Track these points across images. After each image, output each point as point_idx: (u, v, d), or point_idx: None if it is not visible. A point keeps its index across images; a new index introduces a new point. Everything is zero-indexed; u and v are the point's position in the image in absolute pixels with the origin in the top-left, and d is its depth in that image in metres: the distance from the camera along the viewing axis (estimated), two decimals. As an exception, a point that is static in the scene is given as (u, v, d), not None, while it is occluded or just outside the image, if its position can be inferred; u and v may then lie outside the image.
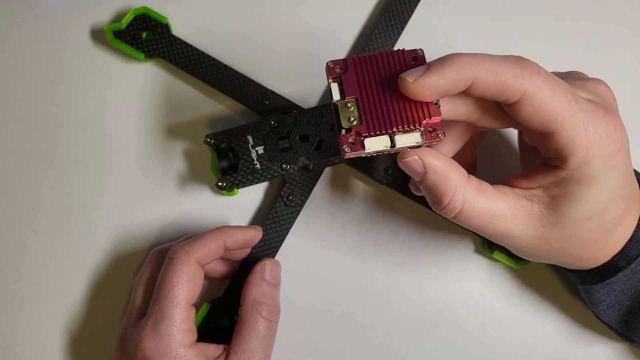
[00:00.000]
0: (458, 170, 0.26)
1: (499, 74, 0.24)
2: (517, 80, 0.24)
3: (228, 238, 0.32)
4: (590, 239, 0.27)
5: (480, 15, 0.39)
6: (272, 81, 0.38)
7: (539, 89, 0.24)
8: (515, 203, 0.27)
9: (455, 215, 0.27)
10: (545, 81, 0.24)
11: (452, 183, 0.26)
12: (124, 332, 0.31)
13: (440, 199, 0.26)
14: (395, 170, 0.36)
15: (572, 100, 0.24)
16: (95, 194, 0.37)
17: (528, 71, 0.24)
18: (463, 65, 0.24)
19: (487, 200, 0.26)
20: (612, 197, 0.26)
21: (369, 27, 0.38)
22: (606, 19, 0.39)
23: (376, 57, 0.25)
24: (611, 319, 0.32)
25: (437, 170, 0.26)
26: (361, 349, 0.36)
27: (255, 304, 0.31)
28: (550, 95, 0.24)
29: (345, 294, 0.36)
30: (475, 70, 0.24)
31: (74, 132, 0.38)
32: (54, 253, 0.37)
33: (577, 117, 0.24)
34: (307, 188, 0.36)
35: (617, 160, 0.26)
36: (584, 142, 0.24)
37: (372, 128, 0.24)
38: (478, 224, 0.27)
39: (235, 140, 0.35)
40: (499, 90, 0.24)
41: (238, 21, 0.39)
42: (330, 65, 0.25)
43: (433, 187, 0.26)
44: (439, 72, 0.23)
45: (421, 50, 0.25)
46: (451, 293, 0.37)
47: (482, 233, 0.28)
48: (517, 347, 0.36)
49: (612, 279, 0.29)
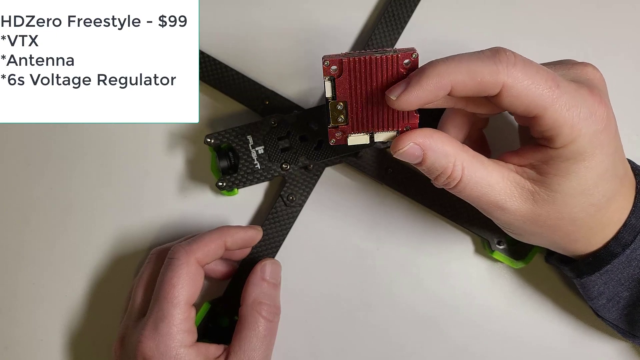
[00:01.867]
0: (452, 142, 0.27)
1: (475, 74, 0.25)
2: (493, 76, 0.25)
3: (228, 238, 0.32)
4: (582, 216, 0.28)
5: (480, 15, 0.39)
6: (272, 81, 0.38)
7: (517, 80, 0.25)
8: (509, 175, 0.28)
9: (456, 184, 0.27)
10: (523, 71, 0.25)
11: (451, 156, 0.27)
12: (124, 332, 0.31)
13: (443, 173, 0.27)
14: (395, 170, 0.36)
15: (553, 85, 0.25)
16: (95, 194, 0.37)
17: (504, 64, 0.25)
18: (439, 74, 0.25)
19: (484, 169, 0.27)
20: (601, 174, 0.27)
21: (369, 27, 0.38)
22: (606, 18, 0.39)
23: (370, 61, 0.27)
24: (612, 315, 0.32)
25: (435, 149, 0.27)
26: (361, 349, 0.36)
27: (255, 304, 0.31)
28: (529, 83, 0.25)
29: (345, 294, 0.36)
30: (451, 77, 0.25)
31: (74, 132, 0.38)
32: (54, 253, 0.37)
33: (558, 100, 0.25)
34: (307, 188, 0.36)
35: (603, 137, 0.26)
36: (568, 121, 0.25)
37: (355, 128, 0.28)
38: (475, 193, 0.27)
39: (235, 140, 0.35)
40: (478, 88, 0.25)
41: (238, 21, 0.39)
42: (326, 65, 0.27)
43: (434, 165, 0.27)
44: (418, 86, 0.25)
45: (415, 53, 0.26)
46: (451, 293, 0.36)
47: (479, 204, 0.28)
48: (517, 347, 0.36)
49: (608, 267, 0.29)
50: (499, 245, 0.35)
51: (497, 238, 0.35)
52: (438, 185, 0.28)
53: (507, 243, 0.35)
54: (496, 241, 0.35)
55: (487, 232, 0.35)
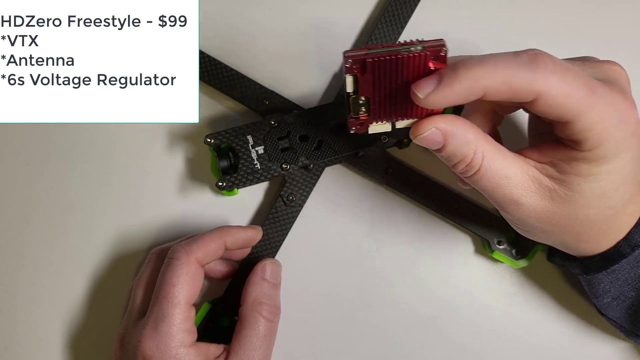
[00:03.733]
0: (474, 130, 0.27)
1: (511, 82, 0.24)
2: (530, 85, 0.24)
3: (228, 238, 0.32)
4: (597, 219, 0.27)
5: (480, 14, 0.39)
6: (272, 81, 0.38)
7: (553, 88, 0.24)
8: (528, 170, 0.27)
9: (475, 172, 0.27)
10: (560, 78, 0.24)
11: (472, 143, 0.26)
12: (124, 332, 0.31)
13: (463, 160, 0.27)
14: (395, 170, 0.36)
15: (589, 92, 0.24)
16: (95, 194, 0.37)
17: (542, 72, 0.24)
18: (473, 79, 0.24)
19: (503, 160, 0.27)
20: (622, 178, 0.27)
21: (369, 27, 0.38)
22: (606, 18, 0.39)
23: (397, 62, 0.25)
24: (616, 313, 0.31)
25: (456, 136, 0.26)
26: (361, 349, 0.36)
27: (255, 304, 0.31)
28: (566, 91, 0.24)
29: (345, 294, 0.36)
30: (486, 82, 0.24)
31: (74, 132, 0.38)
32: (54, 253, 0.37)
33: (594, 108, 0.24)
34: (307, 188, 0.36)
35: (630, 143, 0.26)
36: (599, 127, 0.25)
37: (377, 118, 0.27)
38: (492, 184, 0.27)
39: (235, 140, 0.35)
40: (512, 96, 0.24)
41: (238, 21, 0.39)
42: (348, 65, 0.26)
43: (455, 152, 0.27)
44: (449, 88, 0.24)
45: (445, 48, 0.24)
46: (451, 293, 0.36)
47: (494, 196, 0.28)
48: (518, 347, 0.36)
49: (616, 267, 0.29)
50: (499, 245, 0.35)
51: (497, 238, 0.35)
52: (456, 172, 0.28)
53: (507, 243, 0.35)
54: (496, 241, 0.35)
55: (487, 232, 0.35)
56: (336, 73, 0.38)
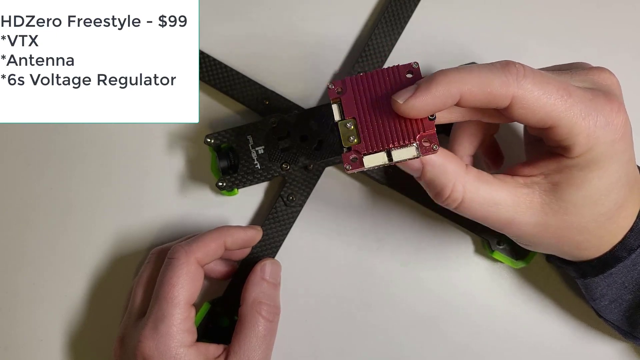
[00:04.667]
0: (455, 161, 0.27)
1: (485, 85, 0.24)
2: (503, 88, 0.24)
3: (228, 238, 0.32)
4: (592, 226, 0.28)
5: (480, 15, 0.39)
6: (272, 81, 0.38)
7: (527, 91, 0.24)
8: (516, 191, 0.27)
9: (458, 205, 0.27)
10: (533, 82, 0.25)
11: (451, 175, 0.26)
12: (124, 332, 0.31)
13: (442, 191, 0.27)
14: (395, 170, 0.36)
15: (565, 94, 0.25)
16: (95, 194, 0.37)
17: (514, 76, 0.24)
18: (449, 82, 0.24)
19: (488, 188, 0.27)
20: (614, 183, 0.27)
21: (369, 27, 0.38)
22: (607, 17, 0.39)
23: (372, 75, 0.26)
24: (613, 316, 0.32)
25: (435, 165, 0.26)
26: (361, 349, 0.36)
27: (255, 304, 0.31)
28: (540, 94, 0.25)
29: (345, 294, 0.36)
30: (461, 86, 0.24)
31: (74, 132, 0.38)
32: (54, 253, 0.37)
33: (572, 110, 0.25)
34: (307, 188, 0.36)
35: (619, 146, 0.26)
36: (584, 131, 0.25)
37: (370, 146, 0.26)
38: (481, 213, 0.27)
39: (235, 140, 0.35)
40: (487, 99, 0.25)
41: (238, 21, 0.39)
42: (331, 87, 0.27)
43: (433, 181, 0.27)
44: (427, 92, 0.24)
45: (416, 63, 0.26)
46: (451, 293, 0.36)
47: (485, 223, 0.28)
48: (518, 347, 0.36)
49: (613, 270, 0.29)
50: (499, 245, 0.35)
51: (497, 238, 0.35)
52: (440, 204, 0.28)
53: (507, 243, 0.35)
54: (496, 241, 0.35)
55: (487, 232, 0.35)
56: (336, 73, 0.38)
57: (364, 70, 0.36)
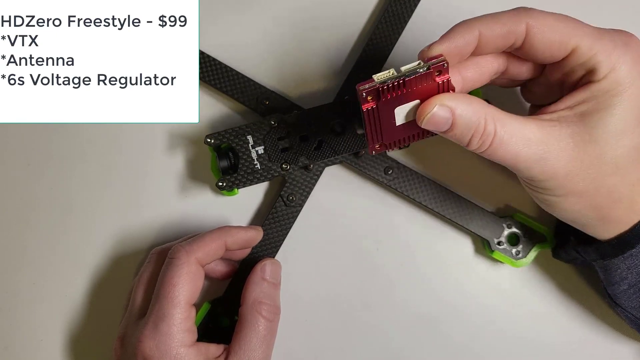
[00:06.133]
0: (481, 102, 0.27)
1: (499, 20, 0.26)
2: (515, 18, 0.26)
3: (229, 238, 0.32)
4: (625, 163, 0.27)
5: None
6: (272, 81, 0.38)
7: (540, 19, 0.26)
8: (545, 125, 0.27)
9: (491, 142, 0.26)
10: (543, 13, 0.26)
11: (481, 112, 0.26)
12: (124, 332, 0.31)
13: (475, 132, 0.26)
14: (395, 170, 0.36)
15: (578, 22, 0.26)
16: (95, 193, 0.37)
17: (524, 9, 0.26)
18: (468, 24, 0.27)
19: (516, 122, 0.27)
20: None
21: (369, 27, 0.38)
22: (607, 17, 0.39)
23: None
24: (631, 302, 0.31)
25: (464, 107, 0.26)
26: (361, 349, 0.36)
27: (255, 303, 0.31)
28: (553, 21, 0.26)
29: (345, 294, 0.36)
30: (478, 24, 0.27)
31: (74, 132, 0.38)
32: (54, 253, 0.37)
33: (589, 32, 0.26)
34: (307, 188, 0.36)
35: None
36: (605, 49, 0.26)
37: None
38: (512, 150, 0.26)
39: (235, 140, 0.35)
40: (504, 33, 0.26)
41: (238, 21, 0.39)
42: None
43: (466, 124, 0.26)
44: (449, 35, 0.27)
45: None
46: (451, 293, 0.36)
47: (517, 161, 0.27)
48: (518, 347, 0.36)
49: (633, 251, 0.28)
50: (499, 245, 0.35)
51: (497, 238, 0.35)
52: (472, 149, 0.27)
53: (507, 243, 0.35)
54: (496, 241, 0.35)
55: (487, 232, 0.35)
56: (336, 73, 0.38)
57: (363, 70, 0.36)
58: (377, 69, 0.37)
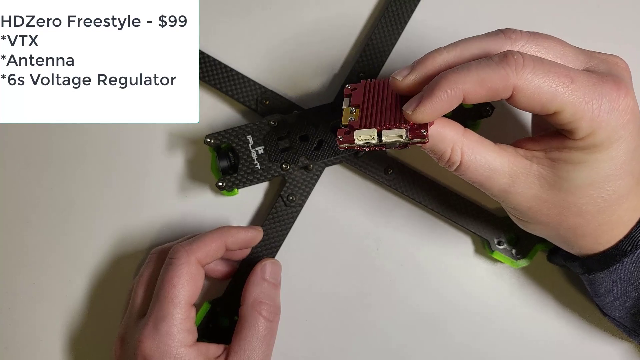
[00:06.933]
0: (453, 127, 0.27)
1: (485, 81, 0.25)
2: (503, 81, 0.25)
3: (229, 238, 0.32)
4: (590, 210, 0.28)
5: (481, 15, 0.39)
6: (272, 81, 0.38)
7: (527, 81, 0.25)
8: (515, 160, 0.28)
9: (457, 168, 0.28)
10: (533, 71, 0.25)
11: (448, 140, 0.27)
12: (124, 332, 0.31)
13: (442, 156, 0.28)
14: (395, 170, 0.36)
15: (567, 81, 0.25)
16: (96, 194, 0.37)
17: (512, 68, 0.25)
18: (451, 85, 0.25)
19: (485, 153, 0.27)
20: (615, 168, 0.27)
21: (369, 27, 0.38)
22: (607, 18, 0.39)
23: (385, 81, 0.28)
24: (618, 313, 0.31)
25: (432, 134, 0.27)
26: (361, 349, 0.36)
27: (255, 303, 0.31)
28: (541, 82, 0.25)
29: (345, 294, 0.36)
30: (462, 86, 0.25)
31: (74, 132, 0.38)
32: (54, 253, 0.37)
33: (575, 95, 0.25)
34: (307, 188, 0.36)
35: (624, 132, 0.26)
36: (587, 115, 0.25)
37: (363, 123, 0.27)
38: (477, 177, 0.28)
39: (235, 140, 0.35)
40: (490, 94, 0.25)
41: (238, 21, 0.39)
42: (347, 87, 0.29)
43: (433, 148, 0.28)
44: (432, 98, 0.25)
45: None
46: (451, 293, 0.36)
47: (482, 188, 0.28)
48: (518, 347, 0.36)
49: (618, 265, 0.29)
50: (499, 245, 0.35)
51: (497, 238, 0.35)
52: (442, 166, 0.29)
53: (507, 243, 0.35)
54: (496, 241, 0.35)
55: (487, 232, 0.35)
56: (336, 73, 0.38)
57: (363, 70, 0.36)
58: (377, 69, 0.37)
